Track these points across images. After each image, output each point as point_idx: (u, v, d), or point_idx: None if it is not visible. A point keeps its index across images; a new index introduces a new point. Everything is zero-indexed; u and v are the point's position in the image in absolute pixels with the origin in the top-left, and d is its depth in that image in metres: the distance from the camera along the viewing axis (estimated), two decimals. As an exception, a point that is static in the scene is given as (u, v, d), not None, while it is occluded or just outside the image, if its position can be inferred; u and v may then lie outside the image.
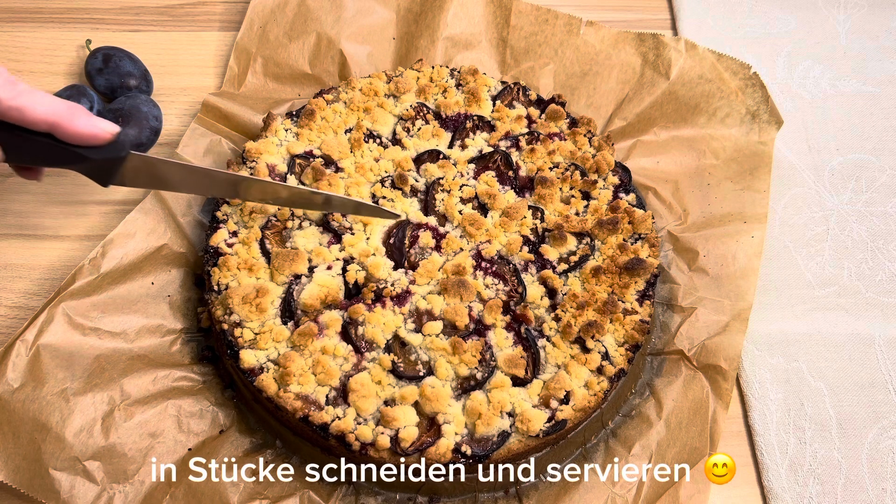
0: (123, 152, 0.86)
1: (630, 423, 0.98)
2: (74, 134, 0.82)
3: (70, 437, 0.89)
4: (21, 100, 0.79)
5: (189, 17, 1.35)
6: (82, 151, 0.83)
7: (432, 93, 1.15)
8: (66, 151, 0.83)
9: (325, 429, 0.86)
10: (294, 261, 0.96)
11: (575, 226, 1.03)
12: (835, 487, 0.95)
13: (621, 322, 0.95)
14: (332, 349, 0.91)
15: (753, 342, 1.05)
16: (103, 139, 0.84)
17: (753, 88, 1.20)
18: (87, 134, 0.82)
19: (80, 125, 0.81)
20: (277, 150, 1.07)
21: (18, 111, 0.79)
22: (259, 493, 0.90)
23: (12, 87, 0.78)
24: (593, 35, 1.28)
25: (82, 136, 0.82)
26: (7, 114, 0.79)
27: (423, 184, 1.07)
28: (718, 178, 1.16)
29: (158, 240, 1.04)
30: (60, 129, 0.81)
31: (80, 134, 0.82)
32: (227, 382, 0.99)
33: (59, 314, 0.94)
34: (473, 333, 0.94)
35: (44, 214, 1.12)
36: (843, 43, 1.38)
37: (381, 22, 1.29)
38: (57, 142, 0.82)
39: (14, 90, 0.78)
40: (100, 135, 0.83)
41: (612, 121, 1.24)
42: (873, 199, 1.20)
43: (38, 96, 0.80)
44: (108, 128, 0.84)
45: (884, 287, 1.11)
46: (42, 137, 0.82)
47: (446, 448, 0.86)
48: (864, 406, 1.01)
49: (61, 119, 0.80)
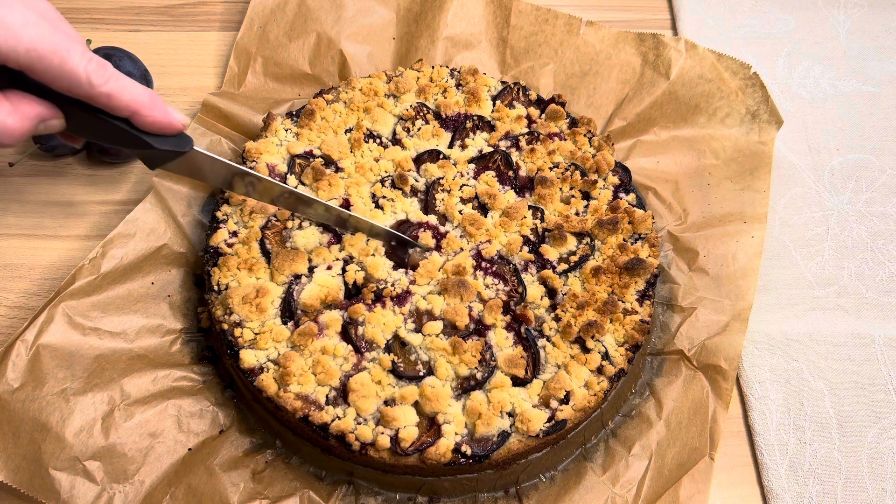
0: (187, 147, 0.86)
1: (630, 423, 0.98)
2: (153, 122, 0.82)
3: (70, 437, 0.89)
4: (111, 85, 0.78)
5: (189, 17, 1.35)
6: (150, 140, 0.83)
7: (432, 93, 1.15)
8: (135, 137, 0.83)
9: (325, 429, 0.86)
10: (294, 261, 0.96)
11: (575, 226, 1.03)
12: (835, 487, 0.95)
13: (621, 322, 0.95)
14: (332, 349, 0.91)
15: (753, 342, 1.05)
16: (176, 129, 0.84)
17: (753, 88, 1.20)
18: (163, 122, 0.82)
19: (157, 114, 0.82)
20: (277, 149, 1.07)
21: (107, 97, 0.78)
22: (259, 492, 0.90)
23: (104, 70, 0.77)
24: (593, 35, 1.28)
25: (159, 124, 0.82)
26: (97, 99, 0.78)
27: (423, 184, 1.07)
28: (718, 178, 1.16)
29: (158, 240, 1.04)
30: (139, 117, 0.81)
31: (157, 122, 0.82)
32: (227, 382, 0.99)
33: (59, 314, 0.94)
34: (473, 333, 0.94)
35: (44, 214, 1.12)
36: (843, 43, 1.38)
37: (381, 22, 1.29)
38: (131, 126, 0.82)
39: (104, 75, 0.77)
40: (175, 124, 0.83)
41: (612, 121, 1.23)
42: (873, 199, 1.20)
43: (125, 81, 0.79)
44: (181, 118, 0.85)
45: (884, 287, 1.11)
46: (117, 121, 0.81)
47: (446, 448, 0.86)
48: (864, 406, 1.01)
49: (143, 107, 0.80)
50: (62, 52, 0.74)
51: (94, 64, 0.76)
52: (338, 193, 1.03)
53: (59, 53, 0.74)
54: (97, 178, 1.15)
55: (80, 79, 0.75)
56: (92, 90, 0.77)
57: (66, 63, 0.74)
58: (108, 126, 0.81)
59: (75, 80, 0.75)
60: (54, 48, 0.74)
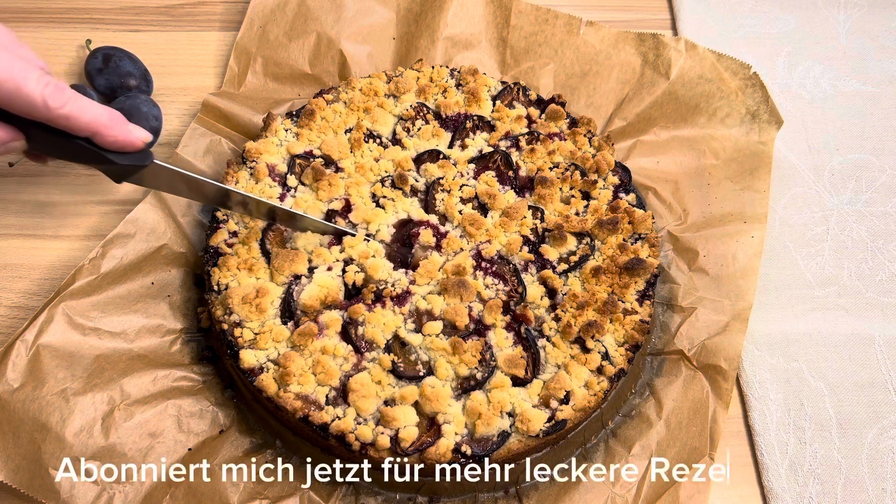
0: (148, 161, 0.88)
1: (630, 423, 0.98)
2: (113, 142, 0.84)
3: (70, 437, 0.89)
4: (69, 107, 0.79)
5: (189, 17, 1.35)
6: (111, 156, 0.85)
7: (432, 93, 1.15)
8: (96, 154, 0.85)
9: (325, 429, 0.86)
10: (294, 261, 0.96)
11: (575, 226, 1.03)
12: (835, 487, 0.95)
13: (621, 322, 0.95)
14: (332, 349, 0.91)
15: (753, 342, 1.05)
16: (137, 147, 0.86)
17: (753, 88, 1.20)
18: (123, 141, 0.84)
19: (118, 133, 0.84)
20: (277, 150, 1.07)
21: (66, 119, 0.80)
22: (259, 492, 0.90)
23: (61, 93, 0.79)
24: (593, 35, 1.28)
25: (120, 143, 0.84)
26: (55, 121, 0.80)
27: (423, 184, 1.07)
28: (718, 178, 1.16)
29: (158, 240, 1.04)
30: (100, 137, 0.83)
31: (118, 141, 0.84)
32: (227, 382, 0.99)
33: (59, 314, 0.94)
34: (473, 333, 0.94)
35: (44, 214, 1.12)
36: (843, 43, 1.38)
37: (381, 22, 1.29)
38: (91, 145, 0.84)
39: (62, 97, 0.79)
40: (135, 142, 0.85)
41: (612, 121, 1.23)
42: (873, 199, 1.20)
43: (83, 103, 0.81)
44: (142, 136, 0.86)
45: (884, 287, 1.11)
46: (78, 140, 0.83)
47: (446, 448, 0.86)
48: (864, 406, 1.01)
49: (103, 127, 0.82)
50: (18, 79, 0.76)
51: (52, 88, 0.78)
52: (338, 193, 1.03)
53: (14, 80, 0.76)
54: (97, 178, 1.15)
55: (36, 103, 0.78)
56: (49, 113, 0.79)
57: (21, 88, 0.77)
58: (71, 145, 0.83)
59: (32, 104, 0.78)
60: (10, 74, 0.76)
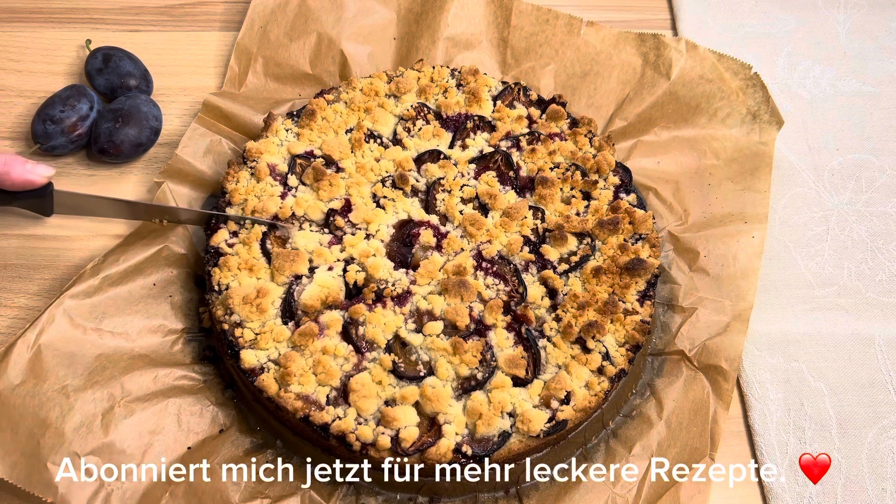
0: (45, 192, 0.93)
1: (631, 423, 0.98)
2: (12, 185, 0.89)
3: (69, 433, 0.89)
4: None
5: (189, 17, 1.35)
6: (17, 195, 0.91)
7: (433, 93, 1.15)
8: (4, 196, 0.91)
9: (326, 429, 0.86)
10: (294, 261, 0.96)
11: (575, 226, 1.03)
12: (835, 487, 0.95)
13: (622, 322, 0.95)
14: (333, 349, 0.91)
15: (753, 342, 1.05)
16: (39, 185, 0.90)
17: (754, 89, 1.20)
18: (22, 182, 0.89)
19: (15, 177, 0.88)
20: (278, 150, 1.07)
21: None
22: (260, 492, 0.90)
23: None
24: (594, 35, 1.28)
25: (18, 185, 0.89)
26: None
27: (423, 184, 1.07)
28: (719, 179, 1.16)
29: (159, 241, 1.04)
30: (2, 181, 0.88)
31: (16, 184, 0.89)
32: (227, 382, 0.99)
33: (60, 315, 0.94)
34: (474, 333, 0.94)
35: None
36: (843, 43, 1.38)
37: (381, 22, 1.29)
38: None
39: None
40: (36, 181, 0.90)
41: (612, 121, 1.24)
42: (873, 199, 1.20)
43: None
44: (43, 172, 0.91)
45: (884, 287, 1.11)
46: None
47: (447, 448, 0.86)
48: (864, 406, 1.01)
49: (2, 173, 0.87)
50: None
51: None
52: (338, 193, 1.03)
53: None
54: (97, 179, 1.15)
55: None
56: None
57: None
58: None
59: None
60: None
